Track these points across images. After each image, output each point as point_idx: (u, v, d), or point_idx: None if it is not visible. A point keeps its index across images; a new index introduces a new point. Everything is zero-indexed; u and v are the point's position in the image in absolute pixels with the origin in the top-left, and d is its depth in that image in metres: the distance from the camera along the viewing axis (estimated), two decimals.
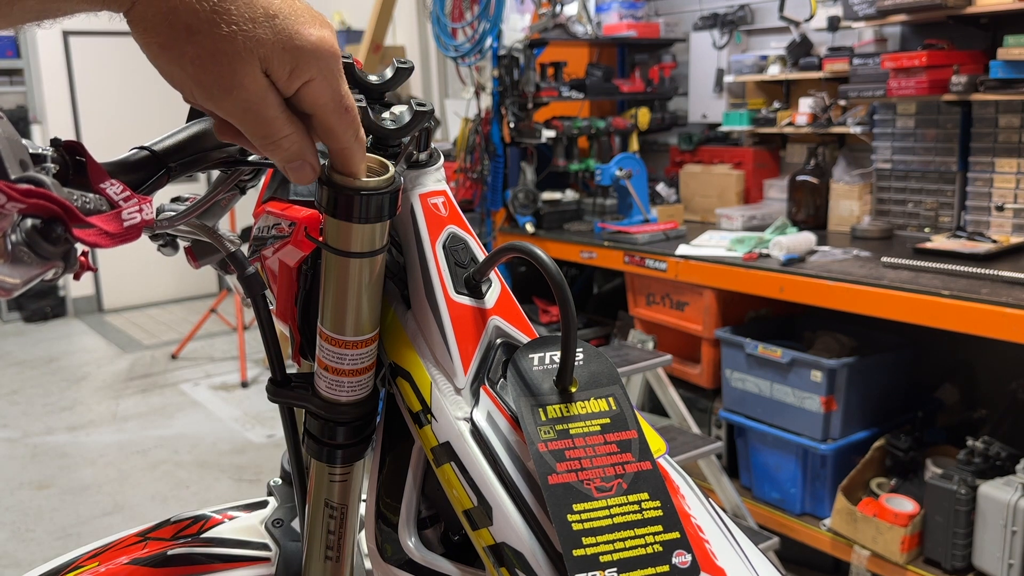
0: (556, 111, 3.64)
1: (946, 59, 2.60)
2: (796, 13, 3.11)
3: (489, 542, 0.59)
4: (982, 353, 2.68)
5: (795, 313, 2.85)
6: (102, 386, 4.89)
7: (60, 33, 6.28)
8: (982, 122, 2.64)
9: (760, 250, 2.64)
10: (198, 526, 0.92)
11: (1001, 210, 2.60)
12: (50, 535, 3.19)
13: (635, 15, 3.73)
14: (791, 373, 2.54)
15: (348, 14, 5.63)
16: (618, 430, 0.61)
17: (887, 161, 2.91)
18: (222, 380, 4.88)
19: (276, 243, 0.70)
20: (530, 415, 0.60)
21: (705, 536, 0.63)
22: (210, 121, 0.69)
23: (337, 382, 0.64)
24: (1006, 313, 1.98)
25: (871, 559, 2.38)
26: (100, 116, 6.43)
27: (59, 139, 0.57)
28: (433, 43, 4.18)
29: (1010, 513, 2.12)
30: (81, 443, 4.05)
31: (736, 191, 3.37)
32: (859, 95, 2.80)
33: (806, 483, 2.61)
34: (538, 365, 0.63)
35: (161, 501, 3.43)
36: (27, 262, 0.50)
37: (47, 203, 0.48)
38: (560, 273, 0.60)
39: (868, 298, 2.25)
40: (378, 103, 0.67)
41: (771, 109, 3.25)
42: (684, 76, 3.77)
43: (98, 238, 0.52)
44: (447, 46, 3.59)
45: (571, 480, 0.57)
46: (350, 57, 0.69)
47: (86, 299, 6.67)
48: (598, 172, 3.19)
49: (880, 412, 2.61)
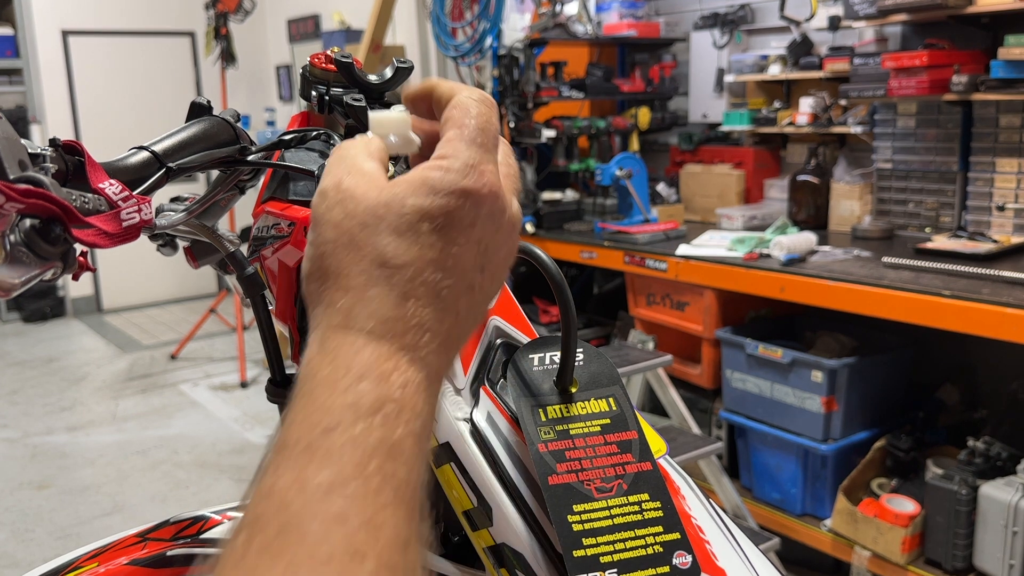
0: (556, 111, 3.64)
1: (947, 59, 2.60)
2: (797, 12, 3.11)
3: (489, 543, 0.59)
4: (983, 353, 2.68)
5: (796, 313, 2.85)
6: (101, 386, 4.89)
7: (59, 33, 6.28)
8: (983, 122, 2.64)
9: (761, 250, 2.64)
10: (198, 527, 0.91)
11: (1002, 210, 2.60)
12: (49, 535, 3.19)
13: (635, 14, 3.73)
14: (792, 373, 2.54)
15: (348, 13, 5.63)
16: (618, 431, 0.60)
17: (888, 161, 2.91)
18: (221, 380, 4.88)
19: (275, 243, 0.70)
20: (530, 415, 0.59)
21: (706, 537, 0.63)
22: (209, 121, 0.69)
23: None
24: (1007, 313, 1.97)
25: (872, 560, 2.38)
26: (99, 116, 6.43)
27: (58, 139, 0.57)
28: (433, 43, 4.18)
29: (1011, 513, 2.11)
30: (80, 443, 4.05)
31: (736, 191, 3.36)
32: (860, 95, 2.80)
33: (807, 483, 2.61)
34: (538, 365, 0.62)
35: (160, 501, 3.42)
36: (26, 262, 0.49)
37: (46, 203, 0.48)
38: (560, 273, 0.60)
39: (869, 298, 2.25)
40: (378, 103, 0.67)
41: (772, 109, 3.25)
42: (684, 76, 3.77)
43: (97, 238, 0.52)
44: (447, 46, 3.59)
45: (571, 481, 0.57)
46: (349, 57, 0.69)
47: (85, 299, 6.67)
48: (598, 172, 3.19)
49: (881, 412, 2.61)
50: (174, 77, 6.77)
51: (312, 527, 0.35)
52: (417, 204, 0.43)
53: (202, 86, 6.87)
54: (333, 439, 0.38)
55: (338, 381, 0.40)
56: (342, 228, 0.43)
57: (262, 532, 0.35)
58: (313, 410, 0.39)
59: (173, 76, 6.77)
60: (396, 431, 0.39)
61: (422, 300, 0.43)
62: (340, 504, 0.36)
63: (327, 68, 0.70)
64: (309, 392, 0.40)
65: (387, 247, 0.42)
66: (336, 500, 0.36)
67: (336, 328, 0.42)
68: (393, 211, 0.43)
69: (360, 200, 0.43)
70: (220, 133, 0.68)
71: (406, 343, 0.42)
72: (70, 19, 6.31)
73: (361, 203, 0.43)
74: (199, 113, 0.69)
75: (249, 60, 6.40)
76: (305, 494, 0.36)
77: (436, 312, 0.43)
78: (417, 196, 0.43)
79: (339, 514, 0.35)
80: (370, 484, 0.37)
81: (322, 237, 0.44)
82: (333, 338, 0.42)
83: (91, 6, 6.38)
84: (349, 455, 0.37)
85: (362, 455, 0.38)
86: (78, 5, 6.33)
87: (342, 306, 0.42)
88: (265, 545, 0.35)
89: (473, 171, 0.44)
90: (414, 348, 0.42)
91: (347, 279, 0.42)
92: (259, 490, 0.37)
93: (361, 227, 0.43)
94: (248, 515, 0.36)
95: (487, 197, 0.45)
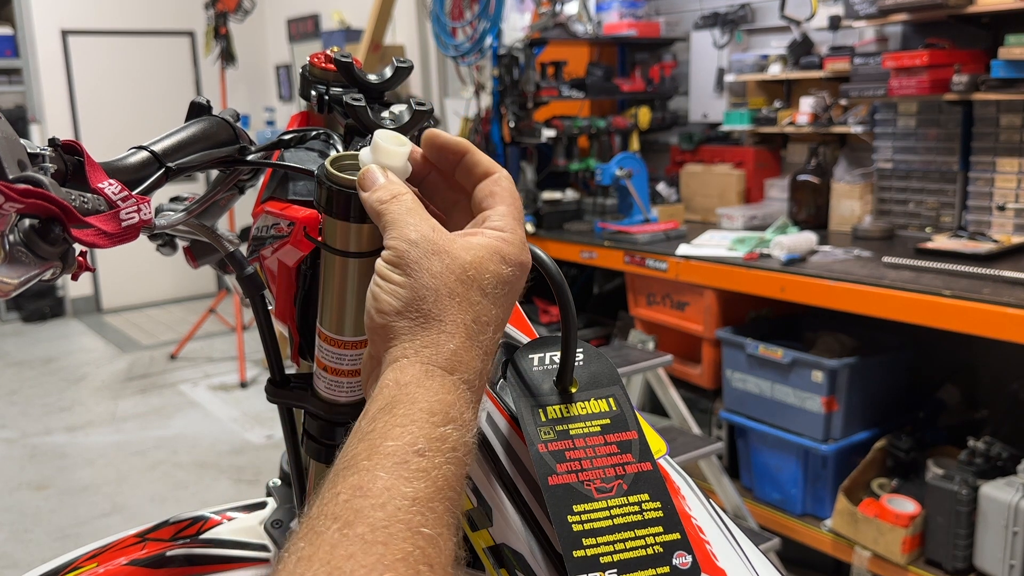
0: (556, 110, 3.64)
1: (947, 58, 2.60)
2: (797, 12, 3.11)
3: (489, 543, 0.59)
4: (984, 353, 2.68)
5: (796, 313, 2.85)
6: (101, 386, 4.89)
7: (59, 32, 6.28)
8: (983, 122, 2.64)
9: (761, 250, 2.64)
10: (197, 527, 0.91)
11: (1002, 210, 2.60)
12: (49, 536, 3.19)
13: (635, 14, 3.73)
14: (792, 373, 2.54)
15: (348, 13, 5.62)
16: (618, 431, 0.60)
17: (888, 161, 2.91)
18: (221, 380, 4.88)
19: (275, 243, 0.70)
20: (530, 416, 0.59)
21: (706, 537, 0.63)
22: (209, 120, 0.69)
23: (336, 383, 0.64)
24: (1008, 313, 1.97)
25: (872, 560, 2.38)
26: (99, 116, 6.43)
27: (57, 139, 0.57)
28: (433, 42, 4.18)
29: (1011, 514, 2.11)
30: (80, 444, 4.04)
31: (737, 191, 3.36)
32: (860, 94, 2.80)
33: (807, 484, 2.61)
34: (538, 365, 0.62)
35: (160, 502, 3.42)
36: (25, 262, 0.49)
37: (45, 203, 0.48)
38: (560, 273, 0.60)
39: (869, 298, 2.25)
40: (377, 102, 0.67)
41: (772, 108, 3.25)
42: (685, 75, 3.77)
43: (96, 238, 0.51)
44: (447, 45, 3.59)
45: (571, 481, 0.57)
46: (349, 56, 0.69)
47: (85, 299, 6.67)
48: (598, 172, 3.19)
49: (881, 412, 2.60)
50: (174, 77, 6.77)
51: (398, 530, 0.42)
52: (496, 271, 0.52)
53: (201, 86, 6.87)
54: (423, 462, 0.45)
55: (435, 414, 0.47)
56: (442, 280, 0.51)
57: (359, 525, 0.41)
58: (410, 432, 0.46)
59: (173, 76, 6.77)
60: (462, 469, 0.47)
61: (490, 356, 0.53)
62: (420, 517, 0.43)
63: (327, 68, 0.70)
64: (407, 414, 0.47)
65: (479, 305, 0.51)
66: (418, 512, 0.43)
67: (439, 368, 0.49)
68: (482, 274, 0.52)
69: (455, 258, 0.51)
70: (219, 133, 0.68)
71: (478, 395, 0.52)
72: (69, 19, 6.31)
73: (457, 260, 0.51)
74: (198, 113, 0.69)
75: (249, 60, 6.40)
76: (396, 501, 0.43)
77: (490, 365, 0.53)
78: (495, 263, 0.52)
79: (420, 525, 0.42)
80: (441, 507, 0.44)
81: (420, 281, 0.51)
82: (436, 376, 0.49)
83: (90, 6, 6.38)
84: (432, 478, 0.45)
85: (440, 481, 0.45)
86: (78, 5, 6.33)
87: (448, 350, 0.50)
88: (361, 536, 0.41)
89: (524, 246, 0.55)
90: (481, 400, 0.52)
91: (452, 326, 0.50)
92: (352, 486, 0.43)
93: (459, 283, 0.51)
94: (340, 507, 0.42)
95: (528, 268, 0.55)
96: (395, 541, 0.41)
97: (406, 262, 0.51)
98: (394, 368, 0.49)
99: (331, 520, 0.42)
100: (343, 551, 0.40)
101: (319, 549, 0.40)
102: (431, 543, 0.42)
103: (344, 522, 0.41)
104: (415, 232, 0.52)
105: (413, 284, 0.50)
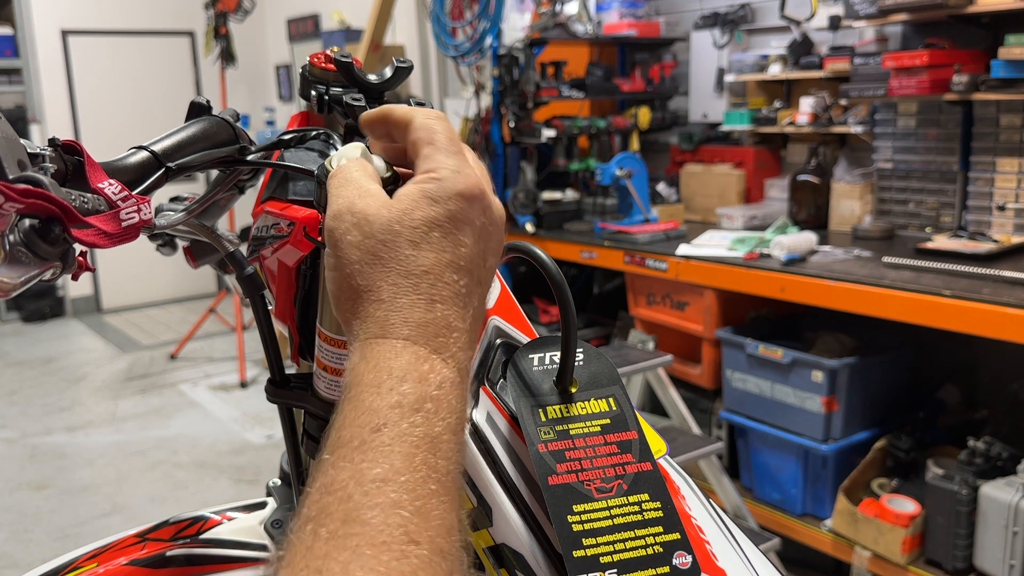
0: (556, 110, 3.64)
1: (947, 58, 2.60)
2: (797, 12, 3.11)
3: (489, 543, 0.59)
4: (984, 353, 2.68)
5: (796, 313, 2.85)
6: (101, 386, 4.88)
7: (59, 32, 6.28)
8: (983, 122, 2.64)
9: (761, 250, 2.64)
10: (197, 527, 0.91)
11: (1002, 210, 2.60)
12: (48, 536, 3.19)
13: (635, 14, 3.73)
14: (792, 373, 2.54)
15: (348, 13, 5.62)
16: (618, 431, 0.60)
17: (888, 161, 2.90)
18: (221, 380, 4.88)
19: (275, 243, 0.70)
20: (530, 416, 0.59)
21: (706, 537, 0.63)
22: (209, 120, 0.69)
23: (336, 382, 0.64)
24: (1008, 313, 1.97)
25: (872, 560, 2.38)
26: (98, 115, 6.43)
27: (57, 139, 0.56)
28: (433, 42, 4.18)
29: (1011, 514, 2.11)
30: (80, 444, 4.04)
31: (737, 191, 3.36)
32: (860, 94, 2.80)
33: (807, 484, 2.61)
34: (538, 365, 0.62)
35: (160, 502, 3.42)
36: (25, 262, 0.49)
37: (45, 203, 0.48)
38: (560, 273, 0.60)
39: (869, 298, 2.25)
40: (377, 102, 0.67)
41: (772, 108, 3.25)
42: (685, 75, 3.77)
43: (96, 238, 0.51)
44: (447, 45, 3.59)
45: (571, 481, 0.57)
46: (349, 56, 0.69)
47: (85, 299, 6.67)
48: (598, 172, 3.19)
49: (881, 412, 2.60)
50: (174, 77, 6.77)
51: (372, 515, 0.39)
52: (423, 215, 0.48)
53: (201, 86, 6.87)
54: (383, 436, 0.42)
55: (382, 384, 0.44)
56: (364, 248, 0.48)
57: (328, 522, 0.39)
58: (362, 411, 0.44)
59: (173, 76, 6.77)
60: (436, 427, 0.44)
61: (446, 302, 0.48)
62: (394, 495, 0.40)
63: (327, 68, 0.70)
64: (356, 396, 0.44)
65: (408, 258, 0.47)
66: (390, 491, 0.40)
67: (375, 337, 0.47)
68: (405, 225, 0.48)
69: (374, 220, 0.48)
70: (219, 133, 0.68)
71: (438, 344, 0.47)
72: (69, 19, 6.31)
73: (376, 223, 0.48)
74: (198, 113, 0.69)
75: (249, 60, 6.40)
76: (363, 486, 0.40)
77: (459, 311, 0.48)
78: (421, 208, 0.48)
79: (394, 503, 0.40)
80: (417, 475, 0.41)
81: (346, 259, 0.48)
82: (373, 347, 0.46)
83: (90, 6, 6.38)
84: (398, 450, 0.42)
85: (409, 449, 0.42)
86: (77, 5, 6.33)
87: (378, 317, 0.47)
88: (332, 533, 0.39)
89: (459, 175, 0.50)
90: (445, 348, 0.47)
91: (378, 292, 0.47)
92: (320, 485, 0.42)
93: (381, 245, 0.48)
94: (311, 509, 0.41)
95: (477, 195, 0.50)
96: (370, 529, 0.39)
97: (333, 241, 0.49)
98: (348, 358, 0.48)
99: (304, 522, 0.40)
100: (319, 551, 0.39)
101: (296, 554, 0.39)
102: (416, 516, 0.40)
103: (316, 522, 0.40)
104: (341, 203, 0.49)
105: (339, 263, 0.48)
